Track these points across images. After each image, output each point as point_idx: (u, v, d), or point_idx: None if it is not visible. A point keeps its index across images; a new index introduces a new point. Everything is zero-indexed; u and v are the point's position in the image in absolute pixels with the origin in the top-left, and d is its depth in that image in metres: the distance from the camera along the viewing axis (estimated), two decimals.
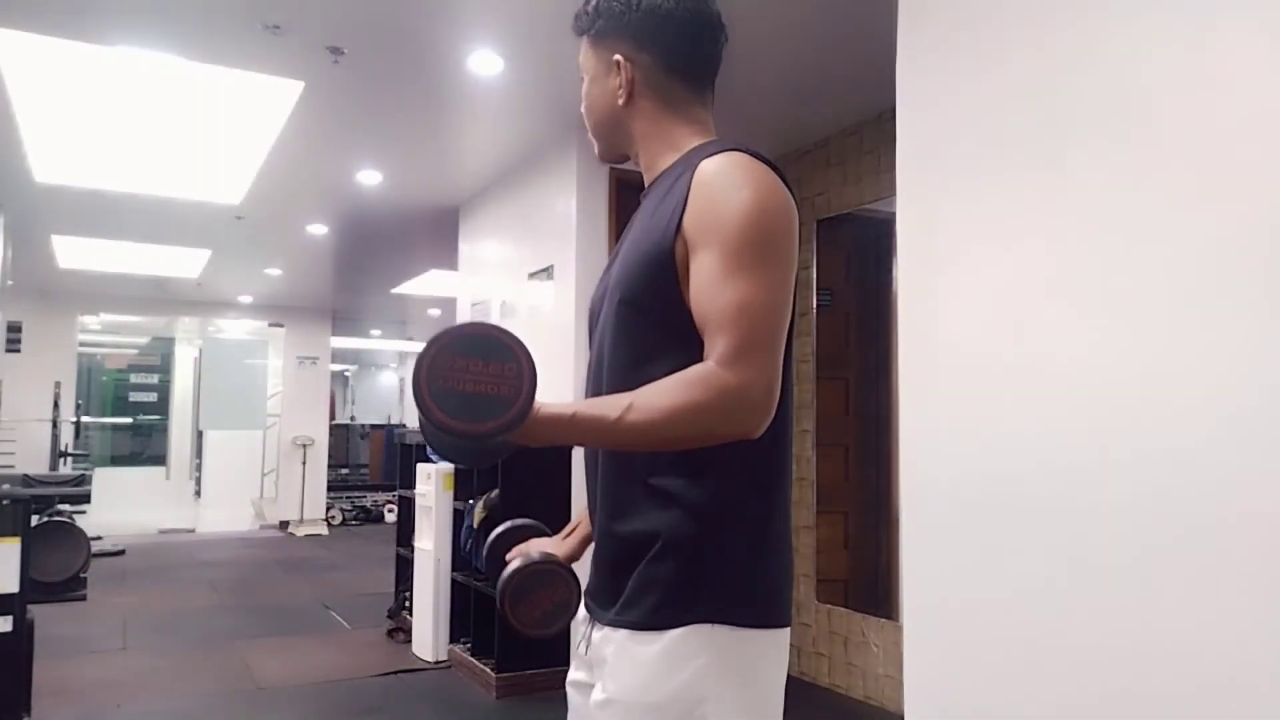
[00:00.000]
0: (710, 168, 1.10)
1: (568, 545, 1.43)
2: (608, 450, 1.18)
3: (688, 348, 1.07)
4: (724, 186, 1.08)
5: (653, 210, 1.17)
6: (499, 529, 1.53)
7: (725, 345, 1.02)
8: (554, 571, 1.32)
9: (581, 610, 1.26)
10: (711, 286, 1.05)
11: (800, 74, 3.63)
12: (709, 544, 1.08)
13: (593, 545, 1.22)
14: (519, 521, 1.54)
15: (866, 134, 4.03)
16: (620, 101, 1.24)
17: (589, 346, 1.29)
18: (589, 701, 1.15)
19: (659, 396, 1.01)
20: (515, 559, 1.36)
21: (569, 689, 1.24)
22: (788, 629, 1.15)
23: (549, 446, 1.06)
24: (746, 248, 1.05)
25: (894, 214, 2.41)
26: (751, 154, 1.11)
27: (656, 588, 1.08)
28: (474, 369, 0.99)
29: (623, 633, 1.10)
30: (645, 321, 1.13)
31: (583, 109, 1.31)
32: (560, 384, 4.11)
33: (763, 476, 1.11)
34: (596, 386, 1.20)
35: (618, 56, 1.22)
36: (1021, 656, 1.93)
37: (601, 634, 1.15)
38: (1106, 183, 1.82)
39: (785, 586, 1.14)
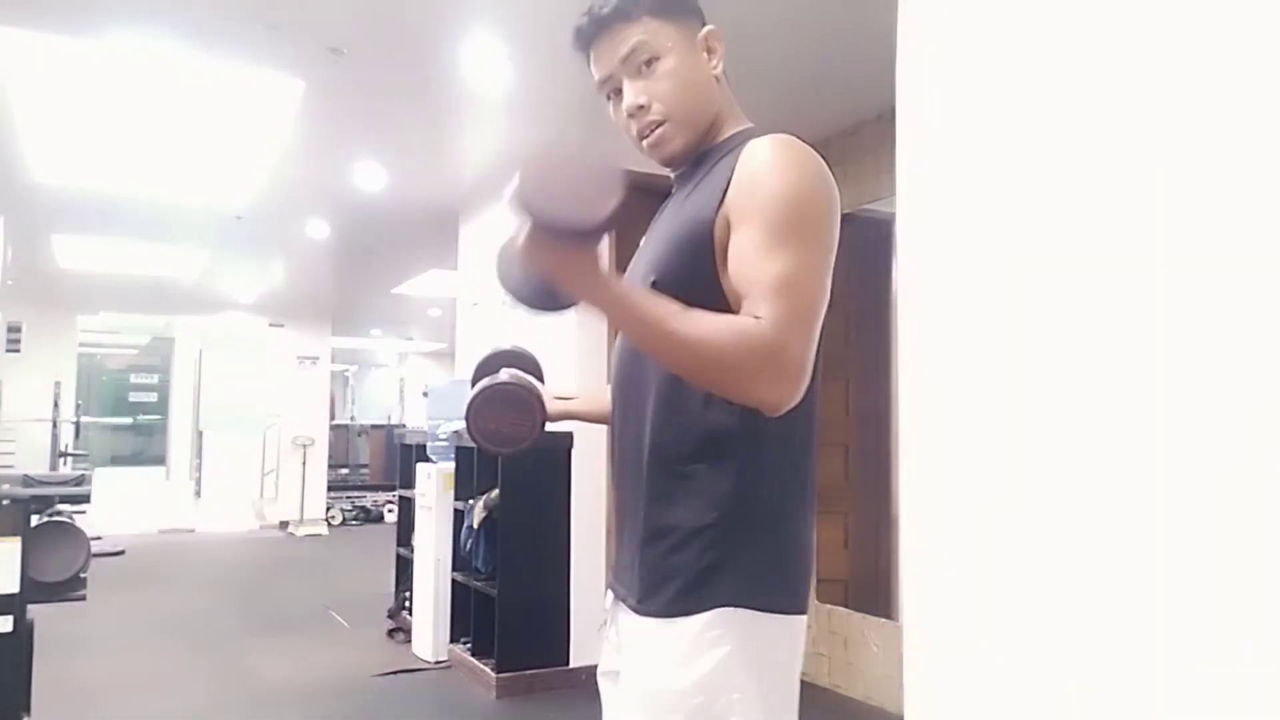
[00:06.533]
0: (758, 149, 1.09)
1: (555, 406, 1.43)
2: (636, 434, 1.16)
3: None
4: (770, 166, 1.07)
5: (689, 193, 1.16)
6: (498, 347, 1.57)
7: (767, 313, 1.00)
8: (528, 402, 1.36)
9: (609, 595, 1.26)
10: (753, 258, 1.03)
11: (800, 74, 3.63)
12: (729, 531, 1.08)
13: (622, 533, 1.21)
14: (519, 347, 1.57)
15: (866, 134, 4.03)
16: (716, 71, 1.19)
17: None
18: (618, 690, 1.15)
19: (704, 326, 0.99)
20: (503, 373, 1.40)
21: (600, 679, 1.23)
22: (805, 617, 1.15)
23: (594, 308, 1.02)
24: (790, 225, 1.03)
25: (894, 214, 2.41)
26: (798, 139, 1.11)
27: (678, 577, 1.08)
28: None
29: (648, 621, 1.10)
30: (681, 302, 1.12)
31: (659, 92, 1.16)
32: (561, 385, 4.11)
33: (785, 466, 1.10)
34: (625, 370, 1.20)
35: (708, 28, 1.19)
36: (1021, 656, 1.93)
37: (628, 621, 1.15)
38: (1107, 182, 1.82)
39: (805, 575, 1.14)
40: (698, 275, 1.09)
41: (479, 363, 1.52)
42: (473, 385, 1.39)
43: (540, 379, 1.48)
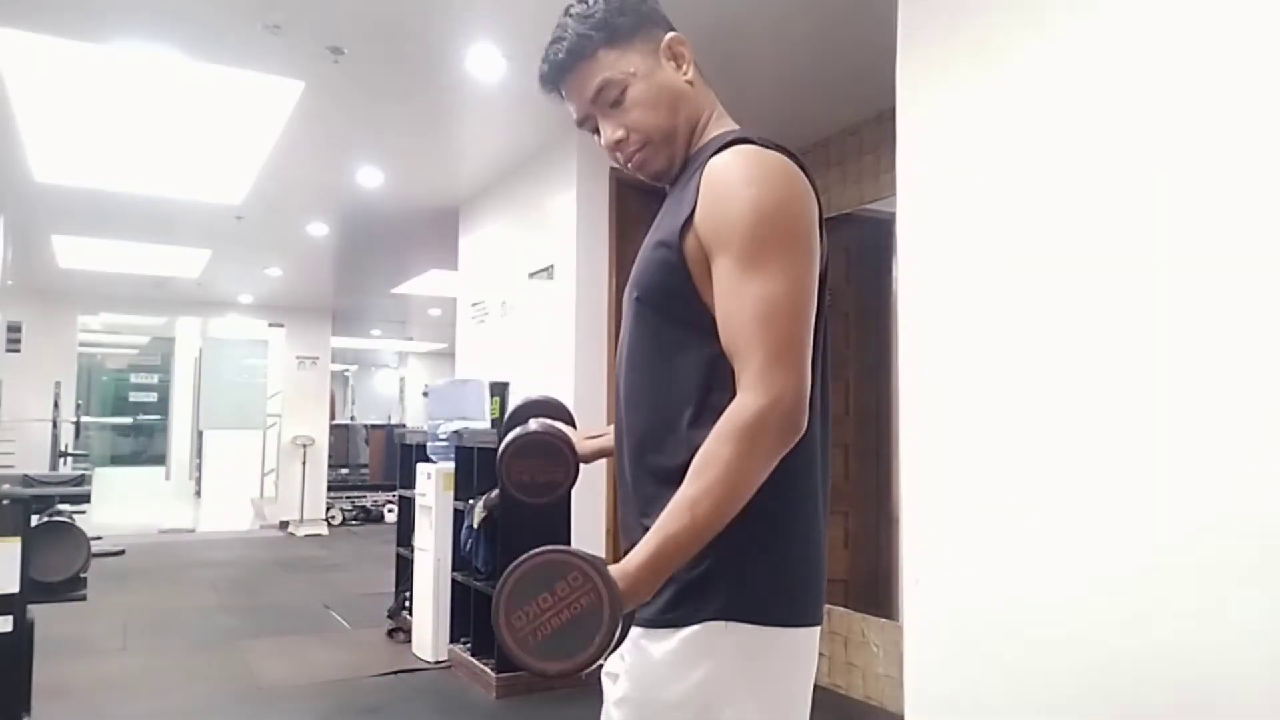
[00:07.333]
0: (717, 165, 1.08)
1: (586, 445, 1.40)
2: (628, 449, 1.17)
3: (704, 339, 1.07)
4: (730, 184, 1.06)
5: (669, 205, 1.16)
6: (528, 397, 1.56)
7: (753, 366, 1.01)
8: (558, 449, 1.35)
9: None
10: (730, 296, 1.04)
11: (800, 73, 3.62)
12: (724, 539, 1.05)
13: (625, 543, 1.21)
14: (548, 396, 1.55)
15: (866, 134, 4.03)
16: (687, 77, 1.18)
17: None
18: (613, 691, 1.14)
19: (709, 473, 0.99)
20: (532, 423, 1.39)
21: (604, 679, 1.21)
22: (815, 628, 1.12)
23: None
24: (758, 248, 1.03)
25: (894, 214, 2.41)
26: (762, 143, 1.09)
27: (670, 585, 1.06)
28: (546, 604, 0.94)
29: (638, 630, 1.09)
30: (660, 317, 1.13)
31: (632, 122, 1.16)
32: (561, 384, 4.11)
33: (784, 468, 1.07)
34: (619, 378, 1.20)
35: (670, 35, 1.18)
36: (1021, 656, 1.93)
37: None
38: (1108, 181, 1.82)
39: (810, 582, 1.11)
40: (674, 292, 1.10)
41: (508, 415, 1.51)
42: (502, 439, 1.38)
43: (570, 424, 1.47)
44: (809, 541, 1.12)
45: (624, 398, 1.19)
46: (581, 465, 1.38)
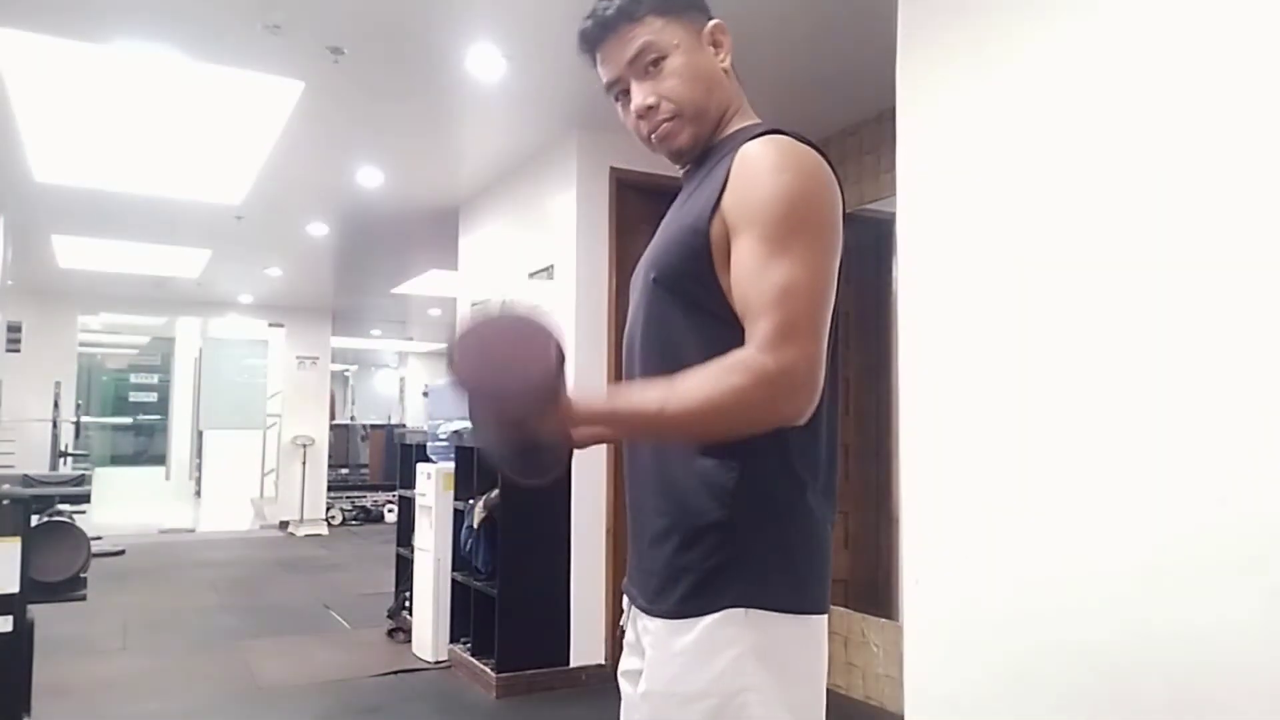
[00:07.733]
0: (752, 151, 1.09)
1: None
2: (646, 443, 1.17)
3: (720, 327, 1.07)
4: (764, 169, 1.07)
5: (693, 191, 1.17)
6: None
7: (765, 329, 1.01)
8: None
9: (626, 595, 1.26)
10: (752, 270, 1.04)
11: (800, 73, 3.63)
12: (737, 529, 1.07)
13: (633, 533, 1.21)
14: None
15: (866, 134, 4.03)
16: (724, 65, 1.20)
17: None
18: (635, 690, 1.15)
19: (696, 387, 1.00)
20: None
21: (621, 679, 1.23)
22: (825, 617, 1.13)
23: (590, 442, 1.04)
24: (786, 230, 1.04)
25: (894, 214, 2.41)
26: (795, 137, 1.10)
27: (687, 576, 1.07)
28: (502, 357, 0.98)
29: (658, 622, 1.10)
30: (678, 300, 1.12)
31: (666, 90, 1.16)
32: None
33: (794, 459, 1.09)
34: (629, 363, 1.20)
35: (714, 22, 1.21)
36: (1021, 656, 1.93)
37: (641, 622, 1.15)
38: (1108, 181, 1.82)
39: (821, 572, 1.12)
40: (694, 274, 1.10)
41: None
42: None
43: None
44: (818, 532, 1.13)
45: (638, 379, 1.18)
46: (578, 450, 1.36)
